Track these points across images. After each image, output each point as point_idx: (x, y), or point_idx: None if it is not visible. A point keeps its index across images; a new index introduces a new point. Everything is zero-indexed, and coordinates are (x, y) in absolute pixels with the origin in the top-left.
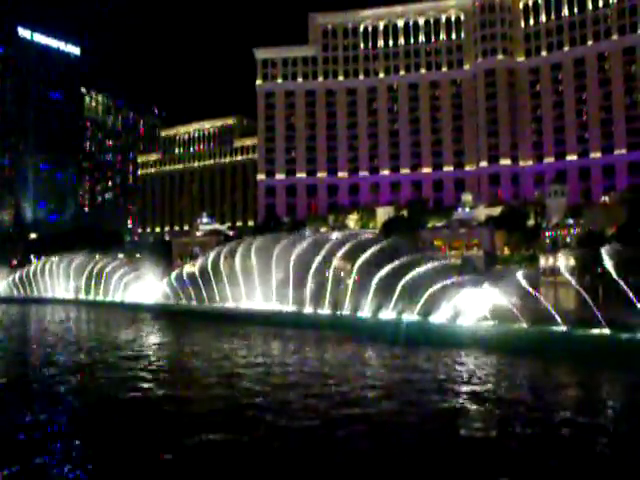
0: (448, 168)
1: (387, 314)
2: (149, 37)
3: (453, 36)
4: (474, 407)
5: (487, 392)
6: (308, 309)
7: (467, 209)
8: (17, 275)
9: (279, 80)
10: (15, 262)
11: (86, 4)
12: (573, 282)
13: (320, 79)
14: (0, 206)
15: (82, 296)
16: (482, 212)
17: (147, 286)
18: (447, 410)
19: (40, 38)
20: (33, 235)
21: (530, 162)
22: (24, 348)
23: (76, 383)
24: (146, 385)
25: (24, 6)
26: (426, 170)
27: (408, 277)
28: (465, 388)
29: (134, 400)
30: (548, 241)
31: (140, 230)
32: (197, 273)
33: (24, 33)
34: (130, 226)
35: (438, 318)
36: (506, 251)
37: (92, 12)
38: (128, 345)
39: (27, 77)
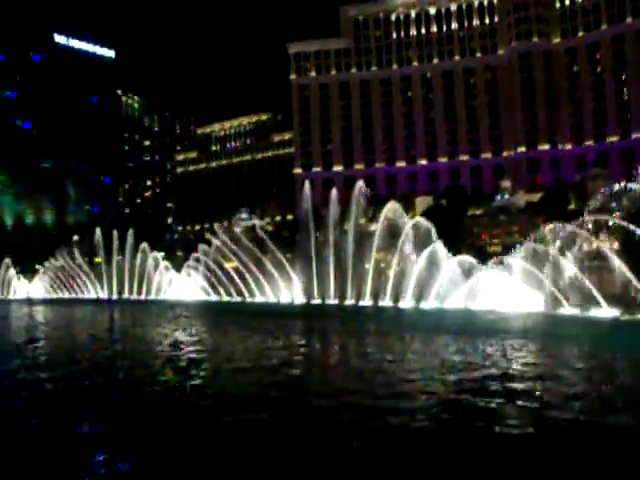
0: (486, 155)
1: (428, 304)
2: (182, 36)
3: (486, 21)
4: None
5: None
6: (349, 301)
7: (506, 196)
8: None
9: (312, 73)
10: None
11: (118, 7)
12: (618, 266)
13: (353, 70)
14: (43, 209)
15: (122, 296)
16: (522, 198)
17: (188, 283)
18: None
19: (76, 43)
20: (76, 237)
21: (569, 145)
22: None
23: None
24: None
25: (59, 13)
26: (463, 158)
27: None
28: None
29: None
30: (590, 226)
31: (180, 228)
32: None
33: (60, 39)
34: (170, 224)
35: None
36: (548, 238)
37: (125, 14)
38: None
39: (65, 82)
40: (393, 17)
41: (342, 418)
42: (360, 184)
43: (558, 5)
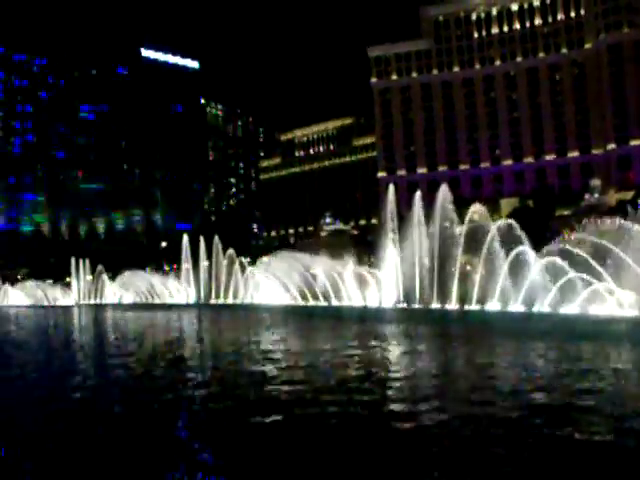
0: (573, 153)
1: (515, 307)
2: (264, 44)
3: (572, 14)
4: None
5: None
6: (435, 305)
7: (596, 195)
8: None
9: (394, 76)
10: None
11: (201, 18)
12: None
13: (435, 72)
14: (133, 216)
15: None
16: (613, 197)
17: (276, 287)
18: None
19: (161, 56)
20: (164, 243)
21: None
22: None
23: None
24: None
25: (145, 27)
26: (550, 157)
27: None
28: None
29: None
30: None
31: (265, 234)
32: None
33: (146, 52)
34: (255, 230)
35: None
36: None
37: (208, 24)
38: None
39: (151, 94)
40: (474, 16)
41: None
42: (444, 187)
43: None
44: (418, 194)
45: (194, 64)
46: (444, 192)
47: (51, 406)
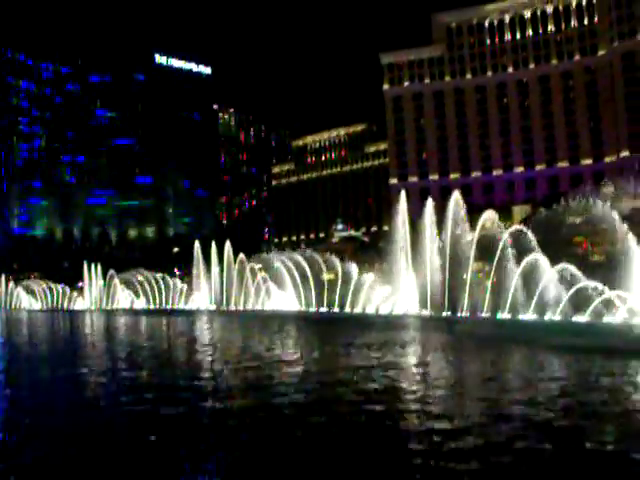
0: (586, 161)
1: (527, 316)
2: (276, 50)
3: (585, 21)
4: None
5: None
6: (445, 312)
7: (609, 202)
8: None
9: (406, 83)
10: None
11: (214, 24)
12: None
13: (447, 79)
14: (145, 222)
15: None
16: (626, 204)
17: (287, 294)
18: None
19: (174, 62)
20: (176, 249)
21: None
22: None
23: None
24: None
25: (159, 33)
26: (562, 164)
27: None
28: None
29: None
30: None
31: (276, 240)
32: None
33: (160, 59)
34: (267, 236)
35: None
36: None
37: (221, 31)
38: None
39: (164, 100)
40: (487, 23)
41: None
42: (456, 193)
43: None
44: (429, 201)
45: (207, 70)
46: (456, 199)
47: None
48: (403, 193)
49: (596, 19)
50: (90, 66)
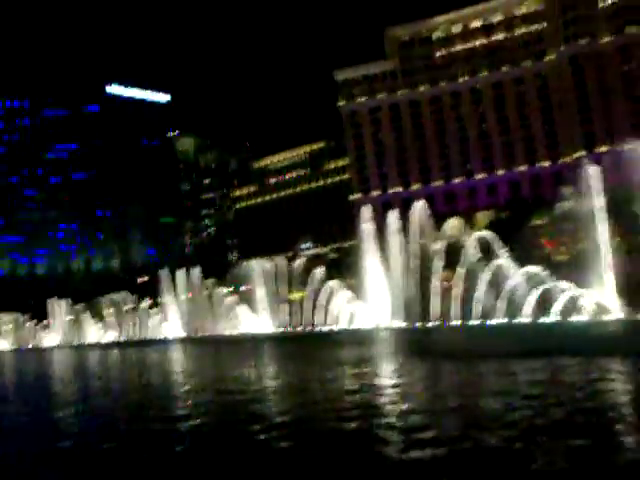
0: (544, 163)
1: (496, 320)
2: (232, 72)
3: (532, 28)
4: None
5: None
6: (416, 322)
7: (569, 202)
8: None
9: (362, 98)
10: (127, 307)
11: (169, 50)
12: None
13: (402, 92)
14: (110, 254)
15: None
16: (586, 204)
17: (257, 316)
18: None
19: (128, 91)
20: (142, 279)
21: (629, 145)
22: None
23: None
24: None
25: (113, 63)
26: (521, 168)
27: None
28: None
29: None
30: None
31: (244, 263)
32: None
33: (114, 89)
34: (233, 260)
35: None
36: (617, 240)
37: (176, 56)
38: None
39: (120, 130)
40: (437, 34)
41: None
42: (420, 203)
43: (605, 3)
44: (393, 214)
45: (164, 97)
46: (419, 209)
47: None
48: (364, 208)
49: (543, 25)
50: (43, 100)
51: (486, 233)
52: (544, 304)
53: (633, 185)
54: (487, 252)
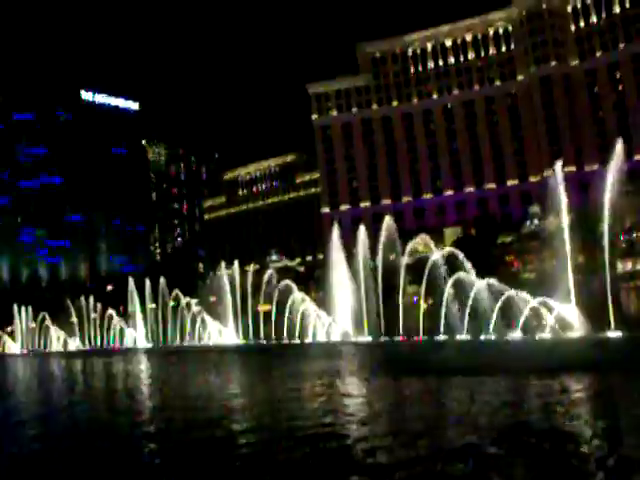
0: (512, 182)
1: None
2: (204, 83)
3: (503, 49)
4: None
5: None
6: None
7: (536, 221)
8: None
9: (334, 112)
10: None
11: (141, 59)
12: None
13: (374, 107)
14: (77, 261)
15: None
16: (552, 222)
17: (224, 327)
18: None
19: (100, 98)
20: (110, 287)
21: (595, 166)
22: None
23: None
24: None
25: (84, 70)
26: (490, 186)
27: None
28: None
29: None
30: (624, 245)
31: (212, 273)
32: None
33: (86, 95)
34: (201, 270)
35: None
36: (581, 259)
37: (147, 65)
38: None
39: (91, 136)
40: (410, 51)
41: None
42: (387, 219)
43: (573, 28)
44: (362, 228)
45: (134, 106)
46: (388, 224)
47: None
48: (336, 227)
49: (513, 46)
50: (13, 104)
51: (450, 249)
52: (508, 320)
53: (597, 204)
54: (454, 269)
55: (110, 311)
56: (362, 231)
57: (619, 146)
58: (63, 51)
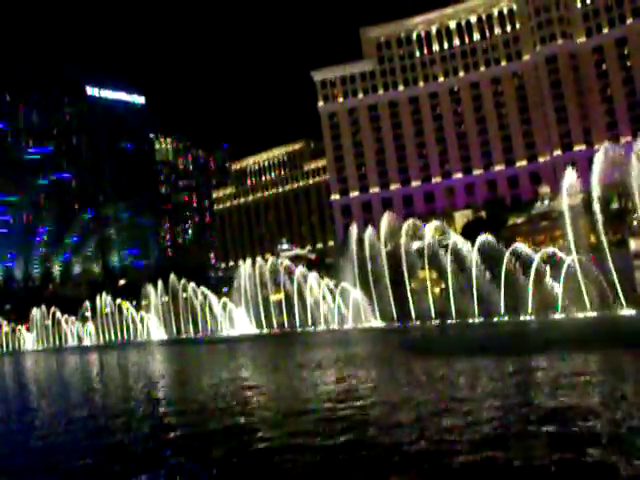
0: (521, 163)
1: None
2: (209, 75)
3: (508, 29)
4: None
5: None
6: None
7: (546, 202)
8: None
9: (340, 99)
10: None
11: (147, 52)
12: None
13: (380, 92)
14: (89, 257)
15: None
16: (562, 203)
17: (238, 318)
18: None
19: (107, 93)
20: (122, 281)
21: (606, 144)
22: None
23: None
24: None
25: (90, 65)
26: (499, 168)
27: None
28: None
29: None
30: (636, 223)
31: (223, 264)
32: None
33: (92, 91)
34: (213, 261)
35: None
36: (592, 239)
37: (153, 58)
38: None
39: (98, 132)
40: (414, 35)
41: None
42: (395, 205)
43: (579, 4)
44: (373, 214)
45: (140, 99)
46: (398, 210)
47: None
48: (354, 227)
49: (518, 26)
50: (20, 102)
51: (459, 239)
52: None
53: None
54: (465, 253)
55: (124, 305)
56: (385, 217)
57: None
58: (68, 48)
